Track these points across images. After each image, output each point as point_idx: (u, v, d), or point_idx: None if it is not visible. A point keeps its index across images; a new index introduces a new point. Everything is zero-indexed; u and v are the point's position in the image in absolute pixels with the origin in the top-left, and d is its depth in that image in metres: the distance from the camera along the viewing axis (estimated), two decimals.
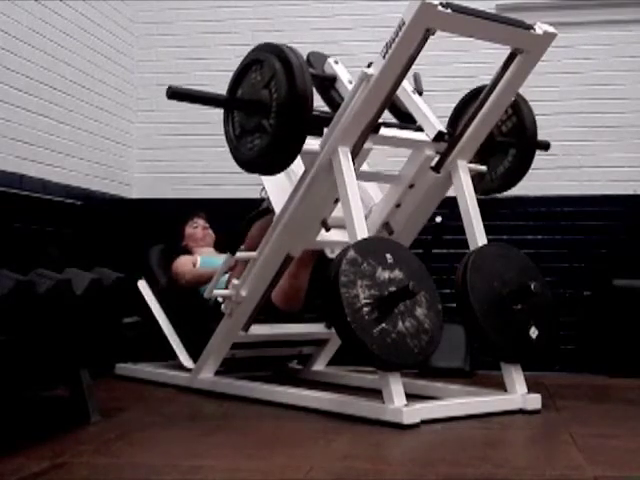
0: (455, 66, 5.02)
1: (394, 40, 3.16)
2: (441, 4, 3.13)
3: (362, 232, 3.25)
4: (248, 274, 3.69)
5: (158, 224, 4.90)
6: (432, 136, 3.49)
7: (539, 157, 3.90)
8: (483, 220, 3.62)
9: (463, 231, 3.63)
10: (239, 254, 3.75)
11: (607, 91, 4.92)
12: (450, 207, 3.79)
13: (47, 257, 4.10)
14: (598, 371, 4.53)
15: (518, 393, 3.38)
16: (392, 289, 3.11)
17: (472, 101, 3.69)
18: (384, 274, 3.14)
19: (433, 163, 3.59)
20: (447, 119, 3.95)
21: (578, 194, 4.86)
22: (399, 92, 3.51)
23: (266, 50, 3.25)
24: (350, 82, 3.62)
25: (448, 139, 3.56)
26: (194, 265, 4.37)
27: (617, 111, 4.90)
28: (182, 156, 5.32)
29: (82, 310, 2.90)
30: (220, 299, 3.83)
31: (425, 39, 3.20)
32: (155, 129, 5.36)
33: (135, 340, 4.24)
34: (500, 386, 3.47)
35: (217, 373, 3.92)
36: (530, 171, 4.96)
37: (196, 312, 4.18)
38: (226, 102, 3.34)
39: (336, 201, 3.50)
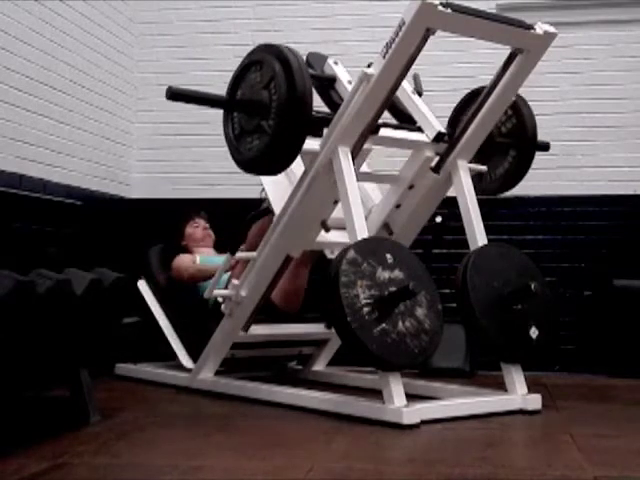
0: (455, 66, 5.02)
1: (394, 40, 3.16)
2: (441, 4, 3.13)
3: (362, 232, 3.25)
4: (248, 274, 3.69)
5: (158, 224, 4.90)
6: (432, 137, 3.49)
7: (539, 157, 3.90)
8: (483, 220, 3.62)
9: (463, 231, 3.63)
10: (239, 254, 3.75)
11: (607, 91, 4.92)
12: (450, 207, 3.80)
13: (47, 257, 4.10)
14: (598, 371, 4.53)
15: (518, 393, 3.38)
16: (392, 289, 3.11)
17: (471, 102, 3.69)
18: (384, 274, 3.14)
19: (433, 164, 3.59)
20: (447, 119, 3.95)
21: (578, 194, 4.86)
22: (399, 93, 3.51)
23: (266, 51, 3.25)
24: (350, 83, 3.61)
25: (448, 140, 3.55)
26: (194, 263, 4.37)
27: (617, 111, 4.90)
28: (182, 156, 5.32)
29: (82, 310, 2.90)
30: (220, 299, 3.83)
31: (425, 39, 3.21)
32: (155, 129, 5.36)
33: (135, 340, 4.24)
34: (500, 386, 3.47)
35: (217, 373, 3.92)
36: (530, 171, 4.96)
37: (196, 312, 4.18)
38: (226, 103, 3.35)
39: (335, 202, 3.50)
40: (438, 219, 4.01)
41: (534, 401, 3.38)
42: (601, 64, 4.94)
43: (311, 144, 3.38)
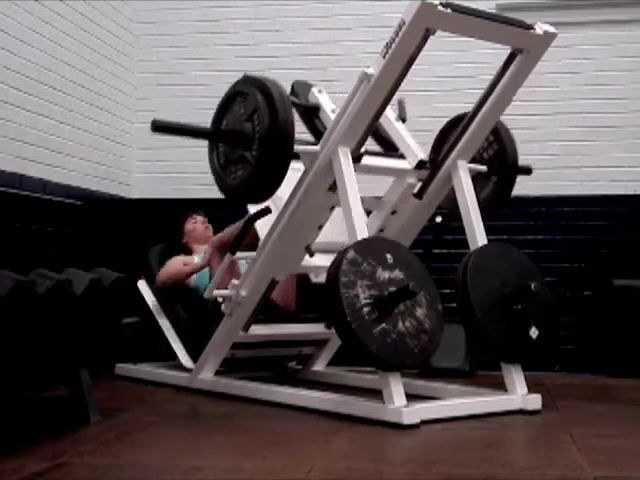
0: (455, 66, 5.02)
1: (394, 40, 3.16)
2: (441, 4, 3.13)
3: (362, 232, 3.25)
4: (248, 274, 3.69)
5: (158, 224, 4.90)
6: (414, 164, 3.51)
7: (539, 157, 3.91)
8: (483, 220, 3.62)
9: (463, 231, 3.63)
10: (239, 254, 3.75)
11: (607, 91, 4.92)
12: (450, 207, 3.80)
13: (47, 257, 4.10)
14: (598, 371, 4.53)
15: (518, 393, 3.38)
16: (392, 289, 3.11)
17: (453, 129, 3.73)
18: (384, 274, 3.15)
19: (415, 190, 3.62)
20: (447, 119, 3.96)
21: (578, 194, 4.86)
22: (382, 119, 3.55)
23: (249, 83, 3.30)
24: (333, 111, 3.66)
25: (430, 166, 3.59)
26: (185, 265, 4.36)
27: (617, 111, 4.90)
28: (182, 156, 5.32)
29: (82, 310, 2.90)
30: (220, 299, 3.83)
31: (425, 39, 3.21)
32: None
33: (135, 340, 4.24)
34: (500, 386, 3.47)
35: (217, 373, 3.92)
36: None
37: (196, 312, 4.18)
38: (211, 134, 3.43)
39: (320, 227, 3.60)
40: (438, 219, 4.00)
41: (534, 401, 3.38)
42: (601, 64, 4.94)
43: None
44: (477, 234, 3.57)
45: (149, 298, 4.37)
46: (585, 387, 4.21)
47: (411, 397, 3.14)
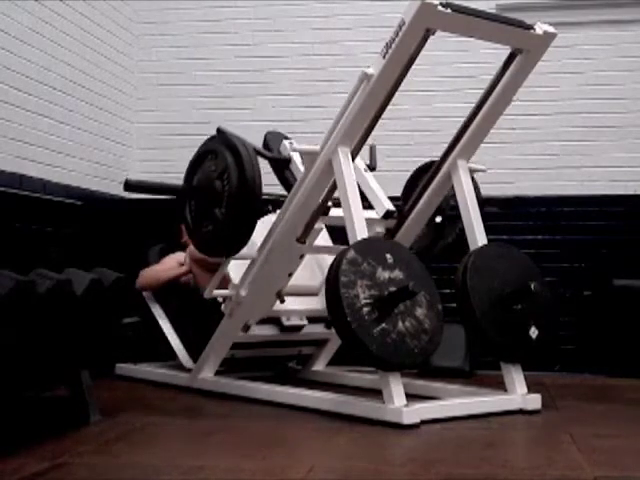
0: (455, 66, 5.01)
1: (394, 40, 3.16)
2: (441, 4, 3.13)
3: (362, 232, 3.25)
4: (248, 274, 3.69)
5: (158, 224, 4.90)
6: (382, 214, 3.55)
7: (539, 157, 3.91)
8: (483, 220, 3.62)
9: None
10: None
11: (607, 91, 4.92)
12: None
13: (47, 257, 4.09)
14: (598, 371, 4.53)
15: (518, 393, 3.39)
16: (392, 289, 3.11)
17: (421, 176, 3.80)
18: (384, 274, 3.15)
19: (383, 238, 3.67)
20: (447, 119, 3.96)
21: (578, 194, 4.85)
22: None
23: (220, 142, 3.45)
24: (302, 164, 3.70)
25: (397, 216, 3.63)
26: (181, 265, 4.36)
27: (617, 111, 4.90)
28: (182, 156, 5.27)
29: (82, 310, 2.90)
30: (220, 299, 3.84)
31: (425, 39, 3.21)
32: (155, 129, 5.36)
33: (135, 340, 4.24)
34: (500, 386, 3.47)
35: (217, 373, 3.92)
36: (530, 171, 4.98)
37: (196, 312, 4.18)
38: (182, 191, 3.60)
39: (290, 275, 3.75)
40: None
41: (534, 401, 3.38)
42: (601, 64, 4.93)
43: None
44: (477, 234, 3.57)
45: (149, 298, 4.36)
46: (585, 387, 4.21)
47: (411, 397, 3.14)
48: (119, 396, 3.73)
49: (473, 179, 3.75)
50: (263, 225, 3.61)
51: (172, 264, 4.36)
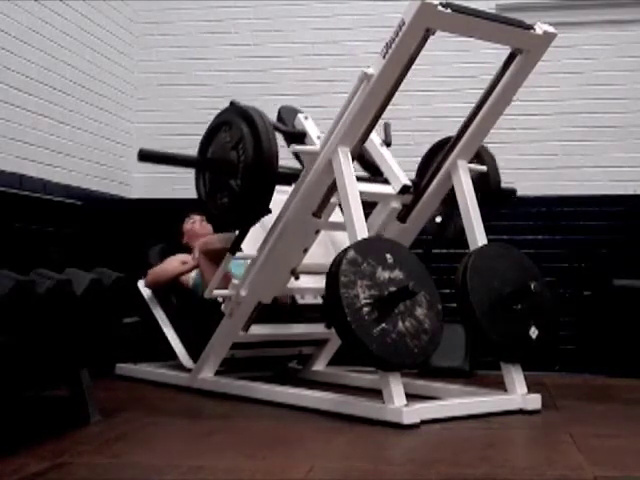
0: (455, 66, 5.02)
1: (394, 40, 3.16)
2: (441, 4, 3.13)
3: (362, 232, 3.25)
4: (248, 274, 3.69)
5: (158, 224, 4.90)
6: (398, 189, 3.53)
7: (539, 157, 3.91)
8: (483, 220, 3.62)
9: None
10: (239, 254, 3.75)
11: (607, 91, 4.92)
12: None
13: (47, 257, 4.10)
14: (598, 371, 4.53)
15: (518, 393, 3.38)
16: (392, 289, 3.11)
17: (438, 152, 3.75)
18: (384, 274, 3.15)
19: (399, 214, 3.67)
20: (447, 119, 3.96)
21: (578, 194, 4.85)
22: (368, 144, 3.57)
23: (235, 113, 3.39)
24: (318, 138, 3.69)
25: (413, 191, 3.61)
26: (183, 264, 4.36)
27: (618, 111, 4.90)
28: None
29: (82, 310, 2.90)
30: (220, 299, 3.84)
31: (425, 39, 3.21)
32: (155, 129, 5.36)
33: (135, 340, 4.24)
34: (500, 386, 3.47)
35: (217, 373, 3.92)
36: (530, 171, 4.98)
37: (196, 312, 4.18)
38: (197, 163, 3.53)
39: (305, 250, 3.68)
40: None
41: (534, 401, 3.38)
42: (602, 64, 4.94)
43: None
44: (477, 234, 3.57)
45: (149, 298, 4.37)
46: (585, 387, 4.21)
47: (411, 397, 3.14)
48: (119, 396, 3.73)
49: (497, 172, 3.75)
50: (274, 204, 3.54)
51: (176, 264, 4.36)
